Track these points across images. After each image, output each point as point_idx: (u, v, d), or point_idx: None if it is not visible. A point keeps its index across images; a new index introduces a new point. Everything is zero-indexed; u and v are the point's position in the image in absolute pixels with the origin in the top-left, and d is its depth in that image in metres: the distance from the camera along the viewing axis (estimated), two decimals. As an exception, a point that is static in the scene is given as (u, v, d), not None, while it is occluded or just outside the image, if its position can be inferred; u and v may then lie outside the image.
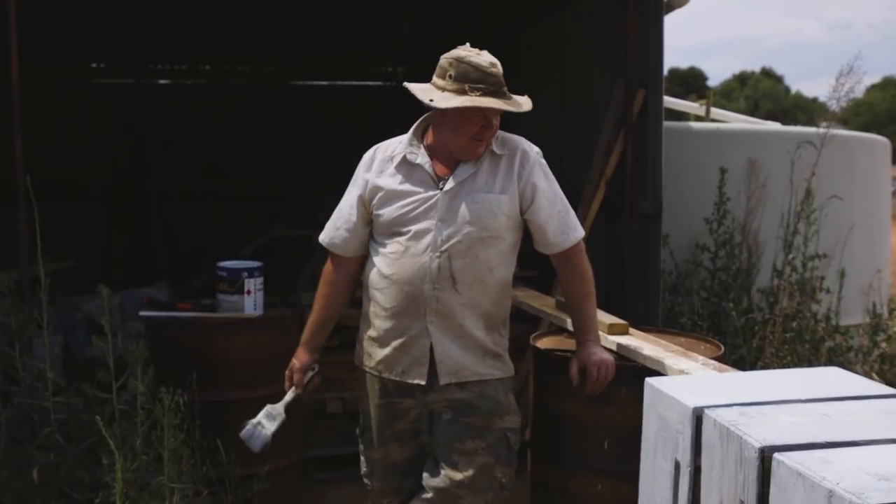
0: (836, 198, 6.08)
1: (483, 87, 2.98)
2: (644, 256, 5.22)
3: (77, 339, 5.77)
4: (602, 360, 3.18)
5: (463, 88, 2.98)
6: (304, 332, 3.43)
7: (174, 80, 10.28)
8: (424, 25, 9.34)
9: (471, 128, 3.04)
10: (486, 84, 2.99)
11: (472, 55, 3.03)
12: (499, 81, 3.02)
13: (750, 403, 2.09)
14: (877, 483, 1.62)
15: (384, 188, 3.15)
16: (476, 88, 2.97)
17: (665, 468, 2.18)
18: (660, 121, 5.19)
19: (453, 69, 3.01)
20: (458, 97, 2.98)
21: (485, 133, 3.06)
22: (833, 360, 5.61)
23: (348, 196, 3.27)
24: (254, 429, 3.31)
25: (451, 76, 3.01)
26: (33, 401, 3.66)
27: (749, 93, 52.86)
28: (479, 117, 3.03)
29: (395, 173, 3.16)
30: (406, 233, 3.10)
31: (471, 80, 2.98)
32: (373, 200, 3.16)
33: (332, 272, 3.34)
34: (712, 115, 7.91)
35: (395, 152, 3.19)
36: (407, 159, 3.15)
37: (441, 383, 3.13)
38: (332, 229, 3.29)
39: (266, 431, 3.30)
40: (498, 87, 3.02)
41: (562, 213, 3.21)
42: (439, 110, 3.04)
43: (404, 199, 3.12)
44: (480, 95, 2.97)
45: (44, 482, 3.57)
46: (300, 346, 3.41)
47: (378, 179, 3.17)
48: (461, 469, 3.13)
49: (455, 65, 3.01)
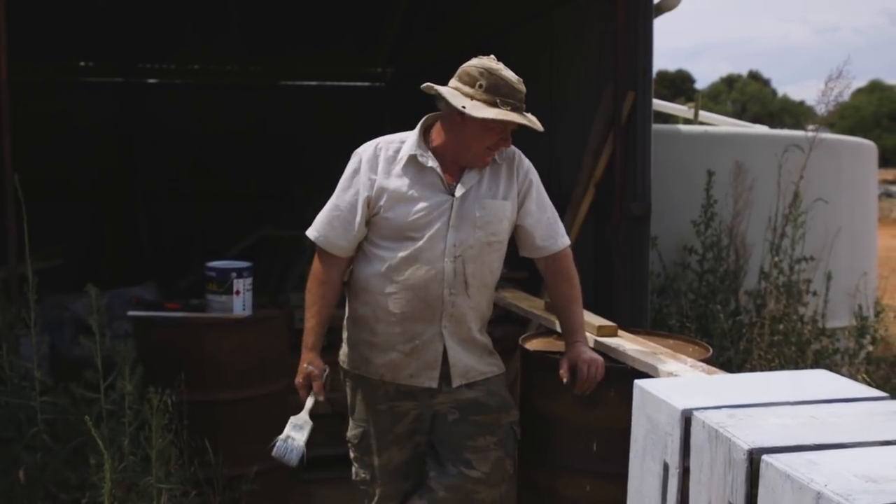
0: (821, 201, 6.11)
1: (512, 102, 3.02)
2: (633, 258, 5.22)
3: (64, 338, 5.76)
4: (592, 358, 3.20)
5: (494, 101, 3.00)
6: (306, 336, 3.25)
7: (163, 79, 10.25)
8: (413, 27, 9.33)
9: (490, 139, 3.07)
10: (514, 100, 3.03)
11: (502, 69, 3.06)
12: (522, 98, 3.06)
13: (738, 405, 2.11)
14: (864, 485, 1.64)
15: (392, 190, 3.11)
16: (507, 103, 3.01)
17: (654, 470, 2.19)
18: (649, 123, 5.20)
19: (484, 80, 3.02)
20: (490, 108, 2.99)
21: (500, 145, 3.11)
22: (819, 363, 5.64)
23: (347, 195, 3.16)
24: (285, 444, 3.15)
25: (482, 86, 3.01)
26: (20, 400, 3.64)
27: (736, 96, 53.09)
28: (500, 130, 3.06)
29: (402, 175, 3.13)
30: (420, 237, 3.09)
31: (502, 94, 3.01)
32: (379, 202, 3.11)
33: (325, 272, 3.23)
34: (700, 117, 7.94)
35: (401, 153, 3.16)
36: (418, 161, 3.13)
37: (454, 386, 3.18)
38: (327, 228, 3.18)
39: (299, 443, 3.16)
40: (522, 104, 3.06)
41: (550, 218, 3.27)
42: (461, 117, 3.04)
43: (417, 204, 3.10)
44: (510, 110, 3.01)
45: (30, 482, 3.55)
46: (308, 351, 3.23)
47: (385, 181, 3.12)
48: (476, 465, 3.20)
49: (486, 76, 3.02)
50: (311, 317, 3.25)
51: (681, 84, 47.58)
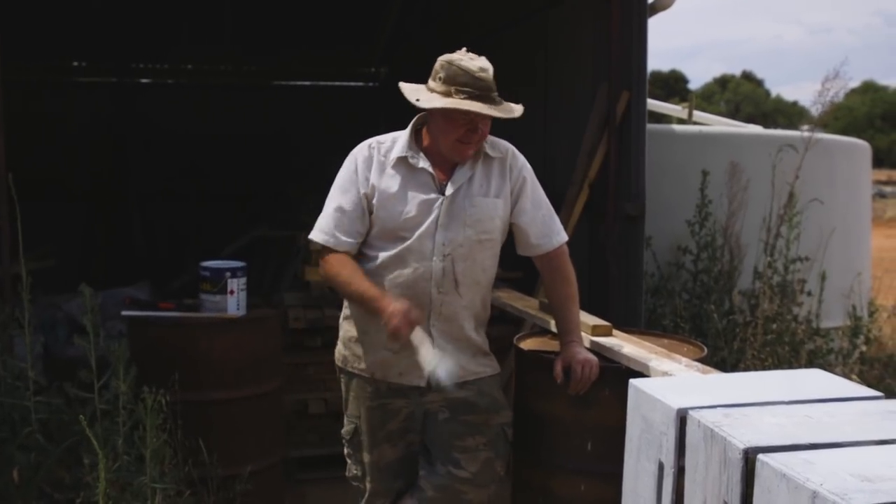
0: (816, 201, 6.11)
1: (469, 90, 2.97)
2: (627, 258, 5.23)
3: (57, 338, 5.75)
4: (587, 359, 3.19)
5: (449, 91, 2.98)
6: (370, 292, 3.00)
7: (156, 79, 10.24)
8: (407, 27, 9.33)
9: (456, 130, 3.04)
10: (473, 88, 2.97)
11: (463, 59, 3.02)
12: (487, 86, 2.99)
13: (734, 405, 2.10)
14: (860, 484, 1.63)
15: (384, 190, 3.11)
16: (462, 91, 2.96)
17: (649, 469, 2.19)
18: (643, 123, 5.20)
19: (443, 71, 3.01)
20: (443, 98, 2.98)
21: (471, 137, 3.05)
22: (813, 363, 5.65)
23: (350, 195, 3.14)
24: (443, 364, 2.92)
25: (441, 78, 3.01)
26: (14, 400, 3.63)
27: (730, 96, 53.15)
28: (464, 121, 3.02)
29: (395, 174, 3.13)
30: (409, 237, 3.09)
31: (458, 83, 2.97)
32: (373, 201, 3.12)
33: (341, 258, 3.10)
34: (694, 118, 7.94)
35: (392, 153, 3.16)
36: (408, 162, 3.13)
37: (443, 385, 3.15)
38: (336, 230, 3.12)
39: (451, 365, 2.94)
40: (485, 92, 2.99)
41: (546, 216, 3.25)
42: (427, 111, 3.05)
43: (407, 203, 3.09)
44: (465, 98, 2.96)
45: (24, 482, 3.54)
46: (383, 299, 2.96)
47: (378, 180, 3.12)
48: (465, 465, 3.21)
49: (446, 67, 3.01)
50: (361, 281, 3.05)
51: (674, 84, 47.62)
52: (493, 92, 3.02)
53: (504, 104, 3.05)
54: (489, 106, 2.99)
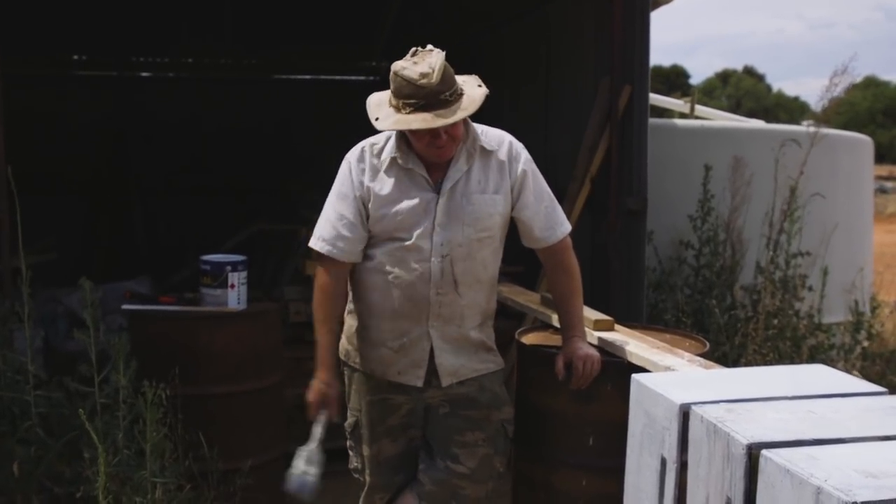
0: (818, 195, 6.10)
1: (414, 101, 2.87)
2: (629, 253, 5.22)
3: (58, 332, 5.74)
4: (588, 354, 3.18)
5: (398, 105, 2.92)
6: (322, 353, 3.14)
7: (156, 72, 10.21)
8: (408, 21, 9.30)
9: (420, 140, 2.99)
10: (416, 98, 2.87)
11: (406, 67, 2.91)
12: (430, 93, 2.86)
13: (737, 400, 2.10)
14: (864, 480, 1.63)
15: (379, 193, 3.09)
16: (408, 105, 2.89)
17: (651, 464, 2.18)
18: (645, 118, 5.19)
19: (392, 83, 2.94)
20: (394, 115, 2.93)
21: (436, 142, 2.98)
22: (815, 358, 5.63)
23: (346, 200, 3.12)
24: (301, 478, 3.07)
25: (392, 91, 2.95)
26: (14, 394, 3.62)
27: (731, 91, 53.10)
28: (424, 131, 2.94)
29: (388, 177, 3.10)
30: (406, 237, 3.06)
31: (403, 96, 2.90)
32: (369, 204, 3.09)
33: (333, 285, 3.15)
34: (696, 112, 7.92)
35: (384, 155, 3.13)
36: (399, 163, 3.10)
37: (444, 385, 3.16)
38: (333, 237, 3.11)
39: (313, 479, 3.07)
40: (430, 99, 2.87)
41: (548, 208, 3.22)
42: None
43: (402, 204, 3.07)
44: (411, 112, 2.88)
45: (24, 476, 3.54)
46: (325, 370, 3.13)
47: (373, 184, 3.10)
48: (463, 461, 3.19)
49: (393, 79, 2.93)
50: (325, 333, 3.15)
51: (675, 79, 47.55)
52: (440, 95, 2.88)
53: (456, 102, 2.92)
54: (433, 115, 2.87)
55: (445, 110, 2.89)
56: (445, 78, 2.90)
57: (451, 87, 2.92)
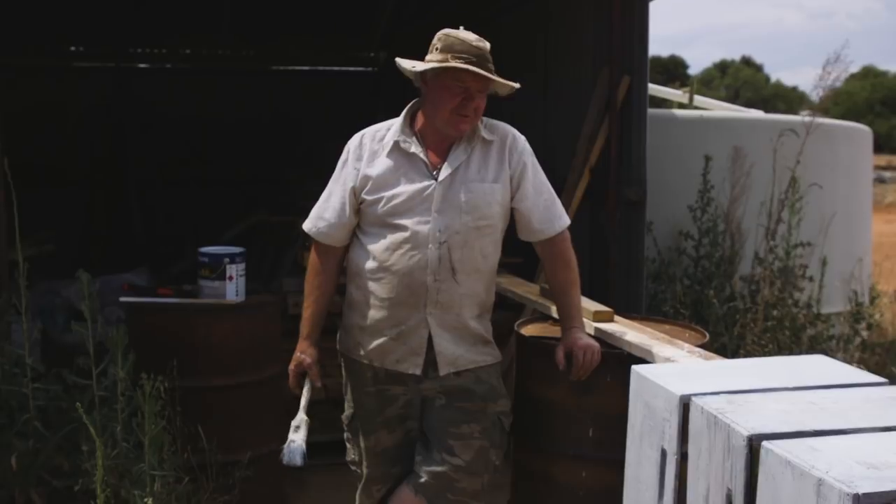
0: (815, 185, 6.09)
1: (466, 56, 2.99)
2: (628, 244, 5.21)
3: (56, 324, 5.73)
4: (588, 344, 3.17)
5: (446, 58, 3.00)
6: (303, 325, 3.30)
7: (154, 63, 10.19)
8: (406, 11, 9.29)
9: (452, 100, 3.03)
10: (470, 55, 3.00)
11: (459, 31, 3.06)
12: (483, 56, 3.01)
13: (737, 391, 2.09)
14: (866, 471, 1.62)
15: (376, 177, 3.10)
16: (459, 58, 2.99)
17: (651, 456, 2.17)
18: (644, 108, 5.18)
19: (440, 42, 3.05)
20: (440, 63, 3.01)
21: (466, 107, 3.04)
22: (814, 348, 5.64)
23: (337, 185, 3.20)
24: (288, 448, 3.16)
25: (438, 48, 3.04)
26: (12, 387, 3.61)
27: (729, 81, 53.01)
28: (460, 90, 3.01)
29: (388, 161, 3.12)
30: (403, 224, 3.07)
31: (455, 51, 3.00)
32: (364, 190, 3.12)
33: (320, 262, 3.27)
34: (695, 102, 7.90)
35: (386, 139, 3.15)
36: (400, 147, 3.12)
37: (441, 374, 3.16)
38: (319, 219, 3.22)
39: (298, 443, 3.15)
40: (482, 61, 3.01)
41: (547, 200, 3.22)
42: (424, 82, 3.08)
43: (399, 189, 3.08)
44: (463, 63, 2.98)
45: (22, 469, 3.53)
46: (303, 340, 3.29)
47: (369, 169, 3.12)
48: (458, 453, 3.17)
49: (443, 38, 3.05)
50: (308, 306, 3.29)
51: (674, 70, 47.48)
52: (489, 62, 3.03)
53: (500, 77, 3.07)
54: (484, 73, 3.00)
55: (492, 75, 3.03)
56: (490, 54, 3.06)
57: (492, 61, 3.07)
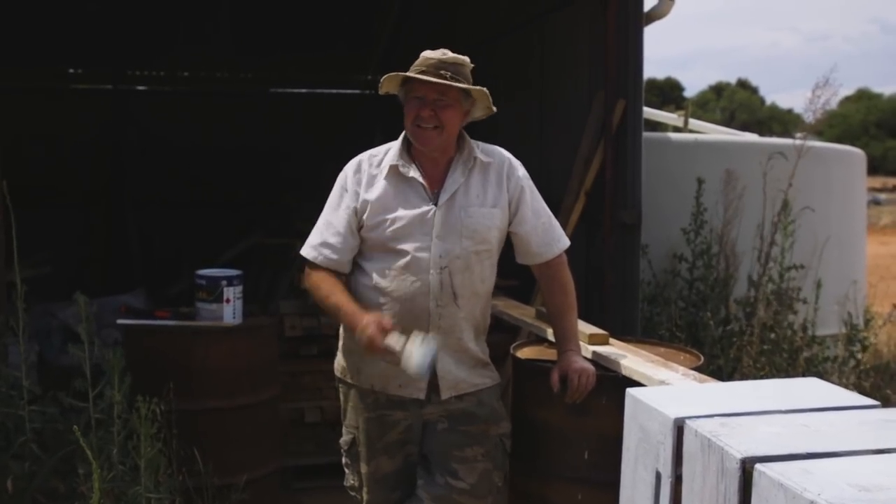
0: (808, 209, 6.11)
1: (419, 67, 3.04)
2: (623, 266, 5.23)
3: (52, 346, 5.73)
4: (583, 368, 3.18)
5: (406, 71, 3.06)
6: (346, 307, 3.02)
7: (152, 86, 10.21)
8: (403, 35, 9.34)
9: (410, 112, 3.07)
10: (423, 66, 3.03)
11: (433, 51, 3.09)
12: (433, 64, 3.01)
13: (731, 414, 2.09)
14: (858, 494, 1.63)
15: (375, 202, 3.10)
16: (412, 70, 3.04)
17: (646, 478, 2.18)
18: (639, 131, 5.21)
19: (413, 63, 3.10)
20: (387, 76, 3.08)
21: (422, 113, 3.04)
22: (810, 371, 5.64)
23: (338, 210, 3.15)
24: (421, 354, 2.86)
25: None
26: (8, 409, 3.61)
27: (725, 104, 53.23)
28: (415, 100, 3.06)
29: (386, 186, 3.12)
30: (404, 249, 3.07)
31: (413, 64, 3.07)
32: (363, 215, 3.11)
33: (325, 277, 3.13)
34: (690, 125, 7.95)
35: (383, 163, 3.16)
36: (399, 171, 3.12)
37: (443, 398, 3.16)
38: (321, 245, 3.15)
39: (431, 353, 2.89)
40: (431, 68, 3.01)
41: (546, 224, 3.24)
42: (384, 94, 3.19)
43: (399, 214, 3.08)
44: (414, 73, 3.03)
45: (18, 492, 3.52)
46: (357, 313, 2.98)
47: (368, 194, 3.12)
48: (462, 476, 3.17)
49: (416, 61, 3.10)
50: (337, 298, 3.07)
51: (670, 92, 47.69)
52: (441, 69, 3.01)
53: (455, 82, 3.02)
54: (436, 78, 2.99)
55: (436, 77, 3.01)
56: (455, 66, 3.04)
57: (456, 73, 3.03)
